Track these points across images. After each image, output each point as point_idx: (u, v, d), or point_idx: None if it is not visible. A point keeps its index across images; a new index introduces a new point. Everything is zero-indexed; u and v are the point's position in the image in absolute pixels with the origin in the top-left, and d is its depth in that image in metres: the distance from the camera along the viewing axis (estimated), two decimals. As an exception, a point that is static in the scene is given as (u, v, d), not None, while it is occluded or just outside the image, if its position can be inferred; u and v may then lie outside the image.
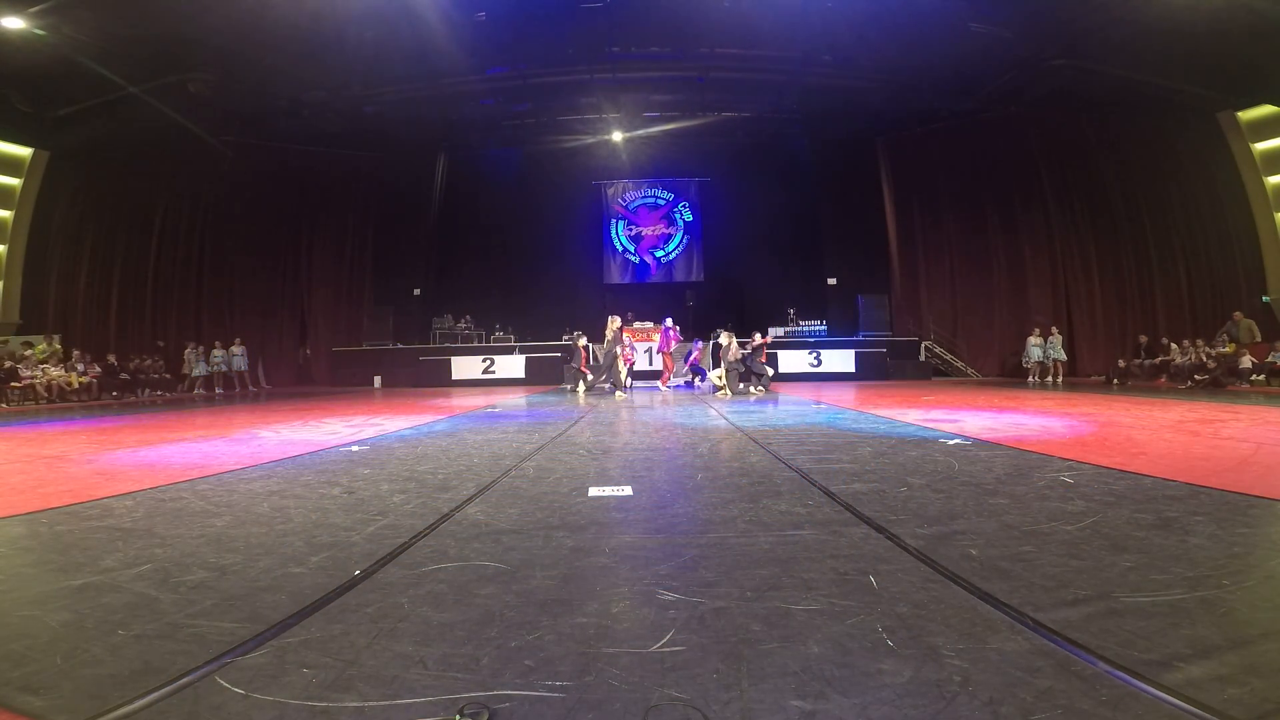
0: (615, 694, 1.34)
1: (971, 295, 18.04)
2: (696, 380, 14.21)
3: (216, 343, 16.22)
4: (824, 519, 2.77)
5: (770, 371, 12.29)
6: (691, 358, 14.25)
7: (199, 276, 17.85)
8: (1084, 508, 2.84)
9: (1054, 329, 15.09)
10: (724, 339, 11.79)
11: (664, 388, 13.38)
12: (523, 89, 15.37)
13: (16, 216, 14.41)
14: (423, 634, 1.65)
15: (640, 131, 17.83)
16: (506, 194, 19.39)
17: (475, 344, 17.72)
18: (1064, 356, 14.90)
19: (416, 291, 19.17)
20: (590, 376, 12.26)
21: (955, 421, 6.44)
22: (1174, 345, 13.23)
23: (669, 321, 13.65)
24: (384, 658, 1.52)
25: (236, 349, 16.41)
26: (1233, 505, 2.85)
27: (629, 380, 13.62)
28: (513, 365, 16.84)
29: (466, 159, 19.44)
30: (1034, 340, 14.94)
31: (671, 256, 20.39)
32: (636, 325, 16.19)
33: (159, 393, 14.64)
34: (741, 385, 11.64)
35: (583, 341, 12.76)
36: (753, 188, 19.37)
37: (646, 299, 18.71)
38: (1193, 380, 11.87)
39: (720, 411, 8.12)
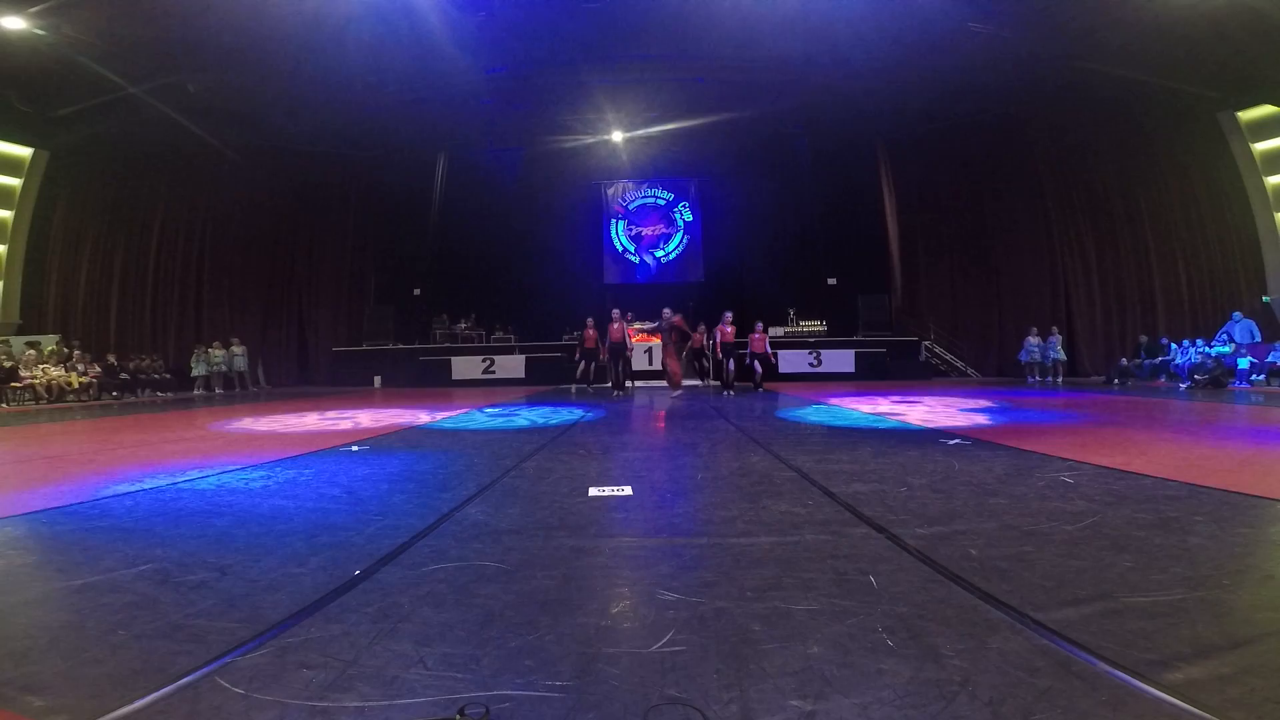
0: (615, 694, 1.34)
1: (971, 295, 18.04)
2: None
3: (215, 342, 16.22)
4: (824, 519, 2.77)
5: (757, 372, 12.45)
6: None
7: (199, 276, 17.85)
8: (1084, 508, 2.84)
9: (1054, 329, 15.11)
10: (729, 316, 12.29)
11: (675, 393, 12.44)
12: (523, 89, 15.35)
13: (16, 216, 14.40)
14: (423, 634, 1.65)
15: (640, 131, 17.81)
16: (506, 194, 19.37)
17: (475, 344, 17.72)
18: (1064, 356, 14.92)
19: (416, 291, 19.16)
20: (600, 359, 12.53)
21: (955, 420, 6.44)
22: (1174, 345, 13.24)
23: (667, 312, 12.75)
24: (384, 658, 1.52)
25: (237, 349, 16.41)
26: (1233, 505, 2.86)
27: (631, 382, 13.59)
28: (513, 365, 16.82)
29: (466, 159, 19.42)
30: (1033, 339, 14.94)
31: (671, 256, 20.37)
32: (636, 325, 16.17)
33: (159, 393, 14.63)
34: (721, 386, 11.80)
35: (590, 321, 13.05)
36: (753, 188, 19.35)
37: (646, 299, 18.69)
38: (1193, 380, 11.87)
39: (720, 411, 8.12)
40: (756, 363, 12.65)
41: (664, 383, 13.54)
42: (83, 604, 1.90)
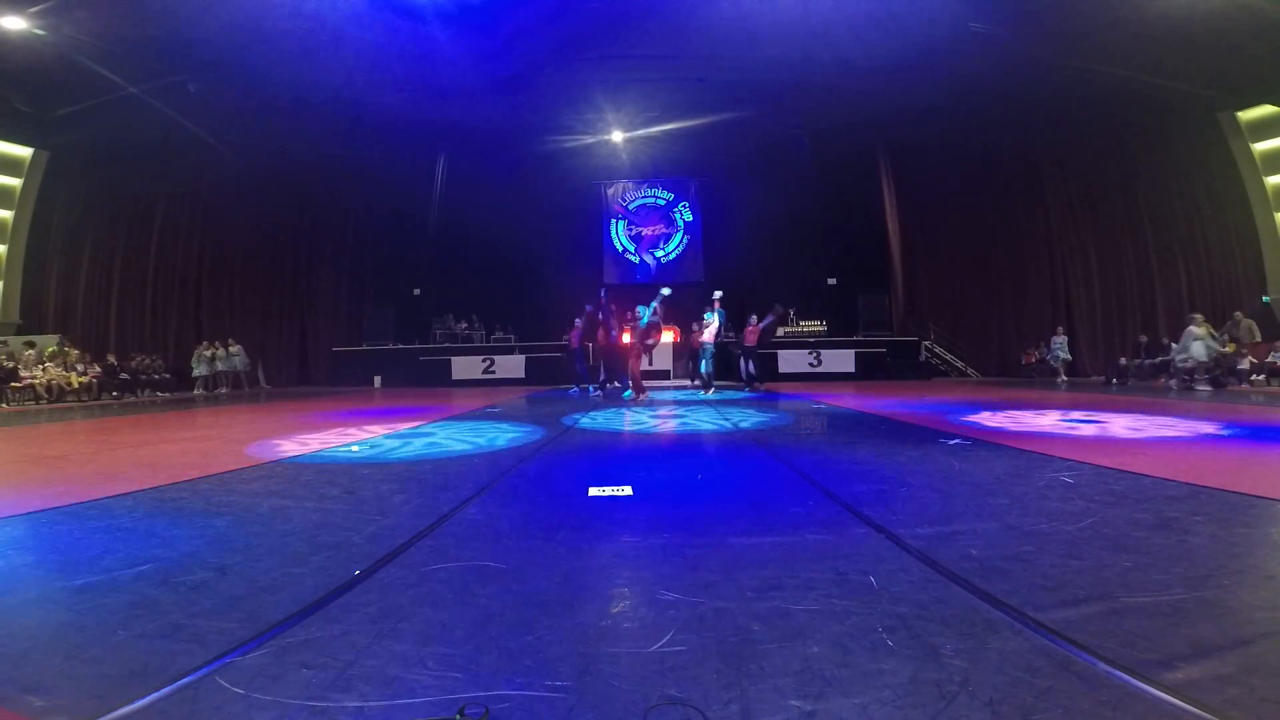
0: (615, 694, 1.34)
1: (971, 295, 18.04)
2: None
3: (215, 343, 16.23)
4: (824, 519, 2.77)
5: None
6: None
7: (199, 276, 17.87)
8: (1084, 508, 2.84)
9: (1059, 328, 15.18)
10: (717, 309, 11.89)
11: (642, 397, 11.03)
12: (523, 89, 15.36)
13: (16, 216, 14.42)
14: (423, 634, 1.65)
15: (640, 131, 17.82)
16: (506, 194, 19.37)
17: (475, 344, 17.73)
18: (1069, 356, 15.00)
19: (416, 291, 19.17)
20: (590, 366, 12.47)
21: (956, 421, 6.44)
22: (1174, 345, 13.22)
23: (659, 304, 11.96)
24: (384, 658, 1.52)
25: (235, 349, 16.42)
26: (1233, 505, 2.85)
27: (615, 382, 13.58)
28: (513, 365, 16.83)
29: (466, 159, 19.42)
30: (1058, 338, 14.82)
31: (671, 256, 20.37)
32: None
33: (159, 393, 14.63)
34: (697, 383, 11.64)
35: (578, 321, 13.04)
36: (753, 188, 19.34)
37: (647, 299, 18.67)
38: (1193, 380, 11.85)
39: (720, 411, 8.12)
40: (747, 361, 12.53)
41: (663, 382, 13.49)
42: (83, 604, 1.90)
